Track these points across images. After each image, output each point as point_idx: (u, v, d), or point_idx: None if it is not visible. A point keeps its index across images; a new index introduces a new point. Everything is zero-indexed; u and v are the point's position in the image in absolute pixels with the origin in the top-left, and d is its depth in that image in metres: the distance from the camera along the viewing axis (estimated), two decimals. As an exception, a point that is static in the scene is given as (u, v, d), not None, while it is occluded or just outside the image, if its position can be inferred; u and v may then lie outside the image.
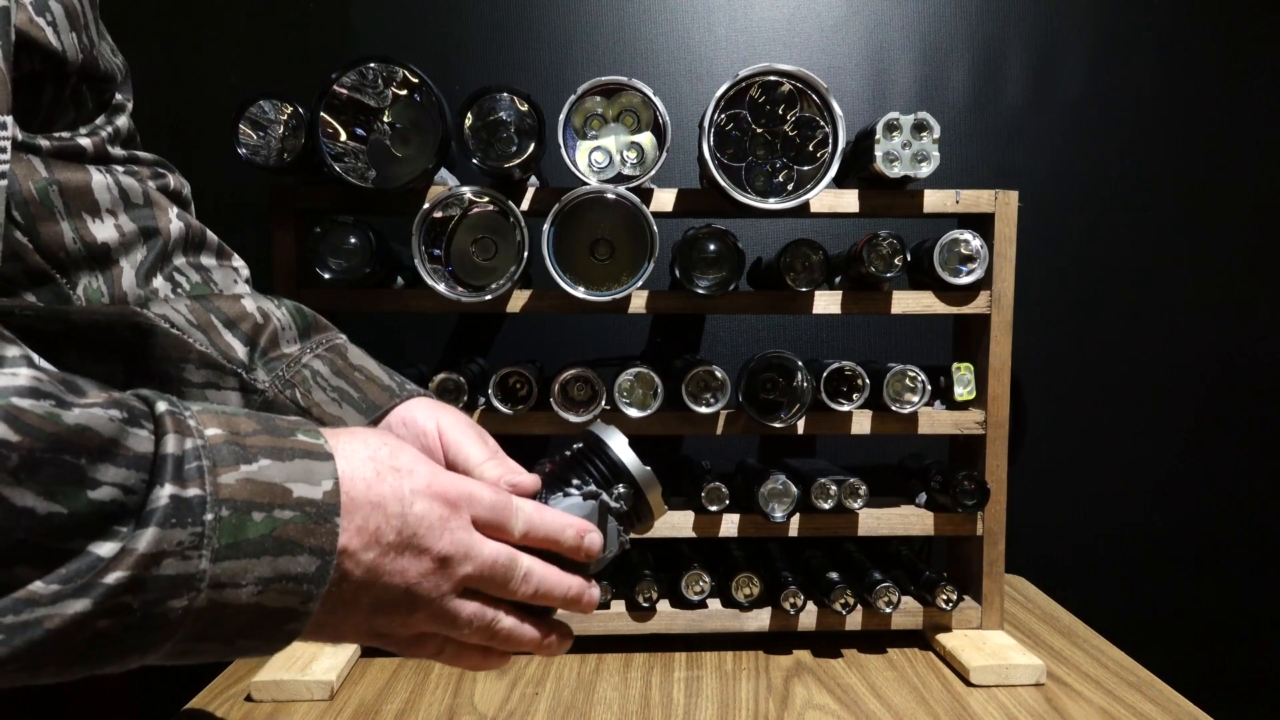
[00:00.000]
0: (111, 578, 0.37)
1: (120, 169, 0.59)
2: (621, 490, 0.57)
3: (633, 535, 0.60)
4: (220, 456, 0.41)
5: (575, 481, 0.58)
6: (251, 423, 0.44)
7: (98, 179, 0.56)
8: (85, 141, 0.57)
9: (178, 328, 0.59)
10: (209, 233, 0.66)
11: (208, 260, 0.65)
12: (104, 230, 0.56)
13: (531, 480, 0.57)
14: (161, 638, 0.39)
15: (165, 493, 0.38)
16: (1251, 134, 1.37)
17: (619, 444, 0.58)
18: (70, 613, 0.36)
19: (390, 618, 0.49)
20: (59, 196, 0.53)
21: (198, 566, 0.39)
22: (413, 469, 0.48)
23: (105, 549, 0.37)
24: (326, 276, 0.96)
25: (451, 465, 0.58)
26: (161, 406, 0.41)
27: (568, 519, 0.55)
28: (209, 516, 0.39)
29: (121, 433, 0.38)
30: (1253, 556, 1.42)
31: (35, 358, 0.38)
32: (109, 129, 0.60)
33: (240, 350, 0.61)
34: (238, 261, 0.69)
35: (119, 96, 0.62)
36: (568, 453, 0.60)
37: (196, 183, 0.70)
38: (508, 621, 0.54)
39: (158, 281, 0.60)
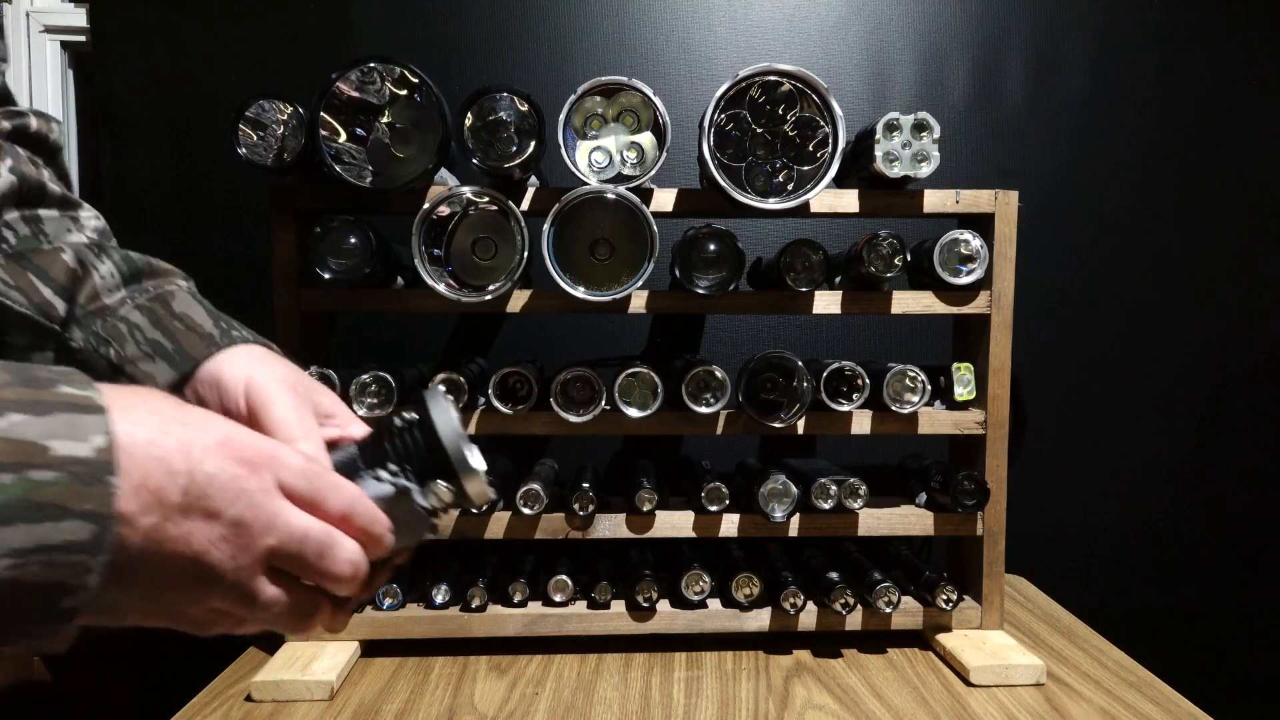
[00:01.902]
0: None
1: None
2: (438, 489, 0.50)
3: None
4: None
5: (391, 466, 0.50)
6: (3, 374, 0.38)
7: None
8: None
9: None
10: (51, 185, 0.62)
11: (46, 212, 0.61)
12: None
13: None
14: None
15: None
16: (1252, 133, 1.37)
17: (446, 424, 0.50)
18: None
19: (178, 594, 0.43)
20: None
21: None
22: (205, 424, 0.43)
23: None
24: (326, 276, 0.96)
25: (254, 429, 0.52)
26: None
27: (382, 515, 0.49)
28: None
29: None
30: (1253, 556, 1.42)
31: None
32: None
33: (60, 307, 0.57)
34: (86, 212, 0.64)
35: None
36: (396, 421, 0.52)
37: (196, 183, 0.70)
38: (320, 608, 0.49)
39: None
